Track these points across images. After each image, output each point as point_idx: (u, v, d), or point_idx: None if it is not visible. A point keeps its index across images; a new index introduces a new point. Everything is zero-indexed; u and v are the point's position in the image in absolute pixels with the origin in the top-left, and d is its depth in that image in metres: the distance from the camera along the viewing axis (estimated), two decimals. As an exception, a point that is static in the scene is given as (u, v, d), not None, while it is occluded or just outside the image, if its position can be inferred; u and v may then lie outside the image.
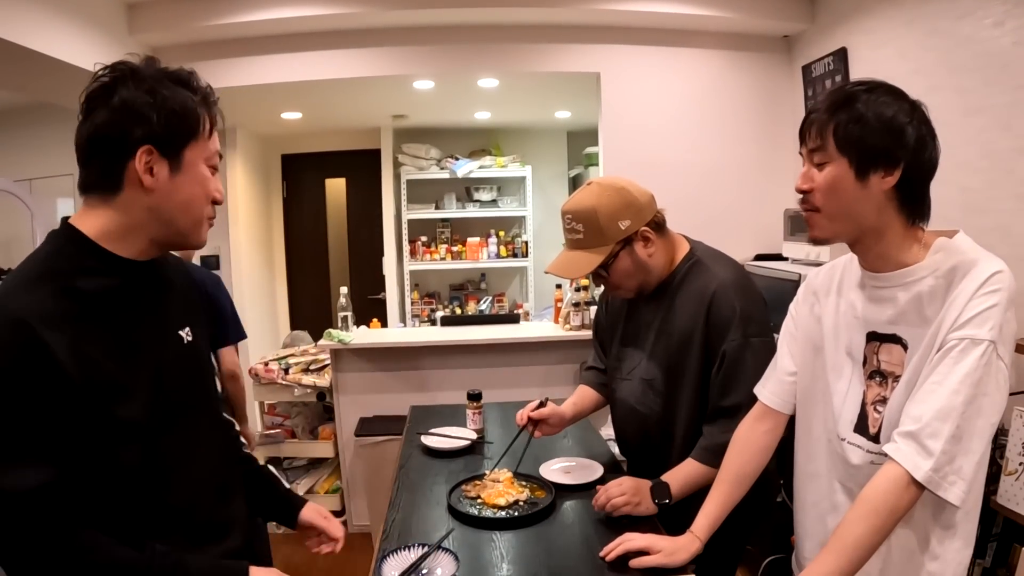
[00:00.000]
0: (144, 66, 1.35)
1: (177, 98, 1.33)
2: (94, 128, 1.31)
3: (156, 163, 1.32)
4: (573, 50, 4.35)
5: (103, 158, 1.32)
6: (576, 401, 2.51)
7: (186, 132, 1.35)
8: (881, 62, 3.46)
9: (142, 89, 1.30)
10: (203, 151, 1.39)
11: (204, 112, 1.38)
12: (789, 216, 3.71)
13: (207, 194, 1.41)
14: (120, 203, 1.34)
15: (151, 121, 1.30)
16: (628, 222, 2.03)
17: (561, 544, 1.91)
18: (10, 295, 1.24)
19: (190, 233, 1.42)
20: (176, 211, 1.37)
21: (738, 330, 1.98)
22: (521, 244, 6.73)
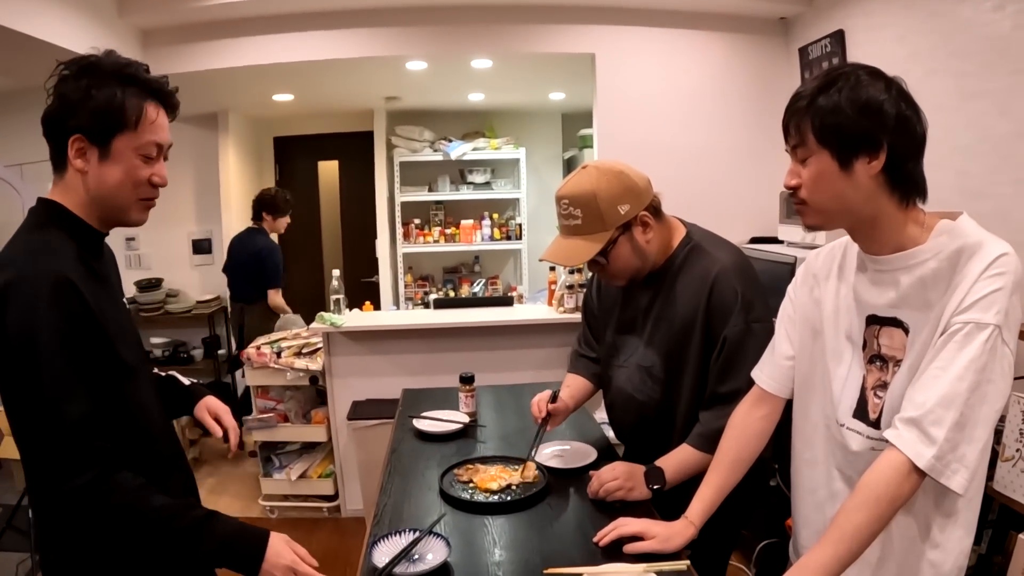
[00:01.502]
0: (100, 61, 1.52)
1: (105, 94, 1.47)
2: (45, 114, 1.49)
3: (88, 150, 1.48)
4: (568, 31, 4.31)
5: (51, 141, 1.50)
6: (573, 393, 2.48)
7: (111, 125, 1.48)
8: (879, 45, 3.43)
9: (81, 84, 1.47)
10: (133, 141, 1.51)
11: (137, 105, 1.50)
12: (785, 199, 3.69)
13: (135, 180, 1.53)
14: (69, 183, 1.52)
15: (79, 114, 1.46)
16: (628, 207, 1.98)
17: (554, 529, 1.89)
18: (39, 259, 1.42)
19: (122, 213, 1.58)
20: (106, 193, 1.52)
21: (740, 315, 1.95)
22: (515, 227, 6.71)
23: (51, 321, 1.37)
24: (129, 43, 4.19)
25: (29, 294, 1.37)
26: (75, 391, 1.39)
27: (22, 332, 1.36)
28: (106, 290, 1.58)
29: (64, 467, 1.38)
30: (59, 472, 1.38)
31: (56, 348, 1.37)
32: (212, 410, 1.93)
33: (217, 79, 4.70)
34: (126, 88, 1.49)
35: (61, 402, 1.37)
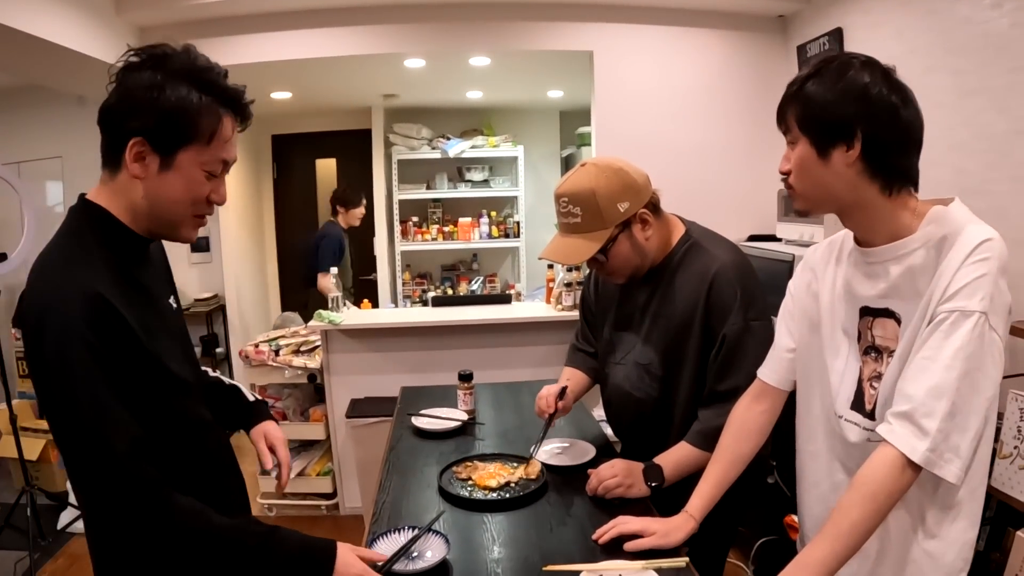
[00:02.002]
0: (175, 55, 1.36)
1: (178, 99, 1.32)
2: (105, 106, 1.35)
3: (148, 156, 1.34)
4: (566, 28, 4.31)
5: (107, 136, 1.36)
6: (573, 387, 2.48)
7: (179, 135, 1.35)
8: (877, 42, 3.43)
9: (152, 81, 1.31)
10: (199, 155, 1.38)
11: (212, 118, 1.37)
12: (783, 197, 3.70)
13: (193, 195, 1.41)
14: (120, 184, 1.38)
15: (146, 117, 1.31)
16: (627, 204, 1.98)
17: (553, 526, 1.89)
18: (73, 271, 1.30)
19: (173, 228, 1.45)
20: (161, 206, 1.39)
21: (739, 313, 1.96)
22: (513, 224, 6.71)
23: (87, 346, 1.25)
24: (126, 40, 4.16)
25: (63, 320, 1.25)
26: (119, 418, 1.28)
27: (59, 360, 1.25)
28: (150, 301, 1.47)
29: (118, 499, 1.30)
30: (114, 505, 1.31)
31: (97, 375, 1.26)
32: (269, 438, 1.83)
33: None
34: (203, 95, 1.35)
35: (106, 432, 1.27)
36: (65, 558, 4.07)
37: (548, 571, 1.63)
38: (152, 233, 1.45)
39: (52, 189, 6.55)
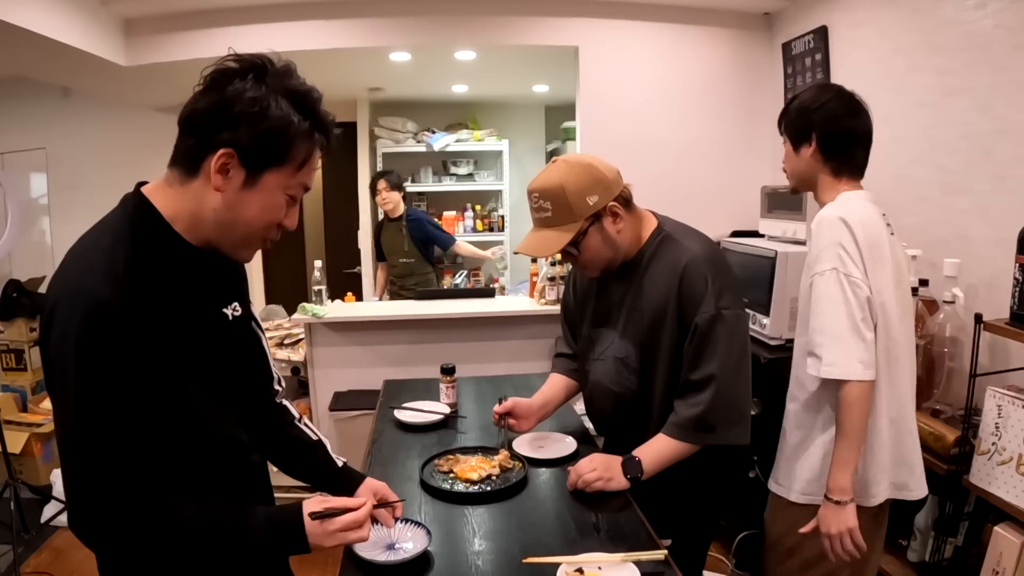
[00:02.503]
0: (277, 70, 1.32)
1: (281, 120, 1.29)
2: (195, 108, 1.29)
3: (233, 169, 1.29)
4: (552, 23, 4.30)
5: (189, 139, 1.30)
6: (545, 390, 2.50)
7: (272, 155, 1.30)
8: (861, 41, 3.45)
9: (256, 96, 1.27)
10: (286, 179, 1.34)
11: (304, 143, 1.33)
12: (766, 193, 3.70)
13: (268, 218, 1.36)
14: (193, 189, 1.31)
15: (243, 131, 1.26)
16: (596, 198, 2.00)
17: (533, 519, 1.90)
18: (96, 270, 1.24)
19: (236, 248, 1.40)
20: (234, 222, 1.33)
21: (710, 302, 1.97)
22: (497, 218, 6.71)
23: (84, 349, 1.20)
24: (112, 32, 4.15)
25: (67, 318, 1.20)
26: (100, 428, 1.22)
27: (58, 357, 1.22)
28: (189, 311, 1.37)
29: (81, 505, 1.25)
30: (77, 509, 1.26)
31: (88, 382, 1.21)
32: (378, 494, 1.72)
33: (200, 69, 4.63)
34: (303, 118, 1.31)
35: (82, 439, 1.22)
36: (49, 552, 4.05)
37: (528, 563, 1.64)
38: (209, 245, 1.37)
39: (36, 181, 6.52)
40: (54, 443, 4.76)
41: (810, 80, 3.89)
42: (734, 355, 2.00)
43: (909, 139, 3.12)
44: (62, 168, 6.37)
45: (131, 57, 4.31)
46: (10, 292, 5.70)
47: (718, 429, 2.00)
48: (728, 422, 2.01)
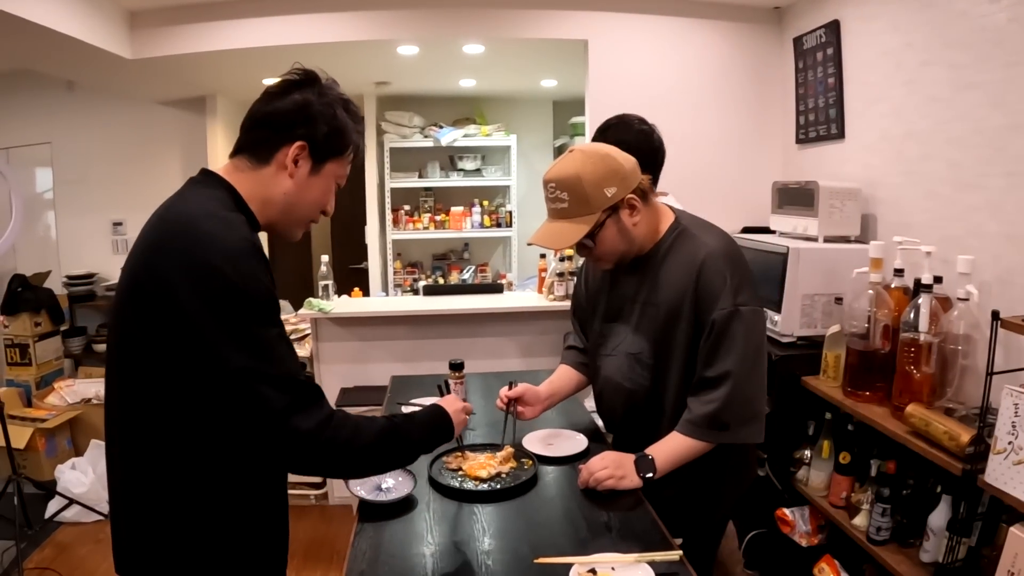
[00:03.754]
0: (328, 82, 1.61)
1: (344, 122, 1.58)
2: (274, 108, 1.54)
3: (303, 159, 1.55)
4: (561, 16, 4.27)
5: (266, 133, 1.55)
6: (553, 380, 2.48)
7: (336, 149, 1.59)
8: (873, 35, 3.42)
9: (324, 101, 1.55)
10: (339, 169, 1.63)
11: (357, 140, 1.64)
12: (777, 188, 3.68)
13: (323, 202, 1.65)
14: (263, 175, 1.56)
15: (317, 127, 1.54)
16: (614, 189, 1.97)
17: (544, 518, 1.89)
18: (231, 227, 1.44)
19: (294, 226, 1.66)
20: (298, 204, 1.60)
21: (728, 299, 1.95)
22: (505, 214, 6.68)
23: (265, 284, 1.43)
24: (116, 25, 4.14)
25: (239, 266, 1.39)
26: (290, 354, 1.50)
27: (244, 297, 1.39)
28: None
29: (287, 448, 1.44)
30: (282, 452, 1.45)
31: (273, 311, 1.46)
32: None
33: (205, 62, 4.66)
34: (355, 123, 1.62)
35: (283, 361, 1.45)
36: (52, 547, 4.07)
37: (540, 563, 1.62)
38: (270, 225, 1.62)
39: (41, 175, 6.52)
40: (58, 438, 4.88)
41: (821, 75, 3.86)
42: (751, 352, 1.97)
43: (921, 134, 3.09)
44: (67, 162, 6.37)
45: (136, 50, 4.29)
46: (15, 287, 5.73)
47: (732, 427, 1.97)
48: (743, 420, 1.98)
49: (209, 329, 1.34)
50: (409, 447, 1.68)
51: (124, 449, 1.49)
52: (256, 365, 1.37)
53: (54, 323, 5.91)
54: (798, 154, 4.23)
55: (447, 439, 1.81)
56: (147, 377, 1.41)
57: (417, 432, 1.71)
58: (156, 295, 1.36)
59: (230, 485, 1.50)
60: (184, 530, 1.48)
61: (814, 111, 3.96)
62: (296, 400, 1.41)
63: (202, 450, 1.44)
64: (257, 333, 1.39)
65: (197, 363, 1.36)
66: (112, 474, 1.55)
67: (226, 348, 1.35)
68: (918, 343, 2.56)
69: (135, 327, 1.40)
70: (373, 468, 1.69)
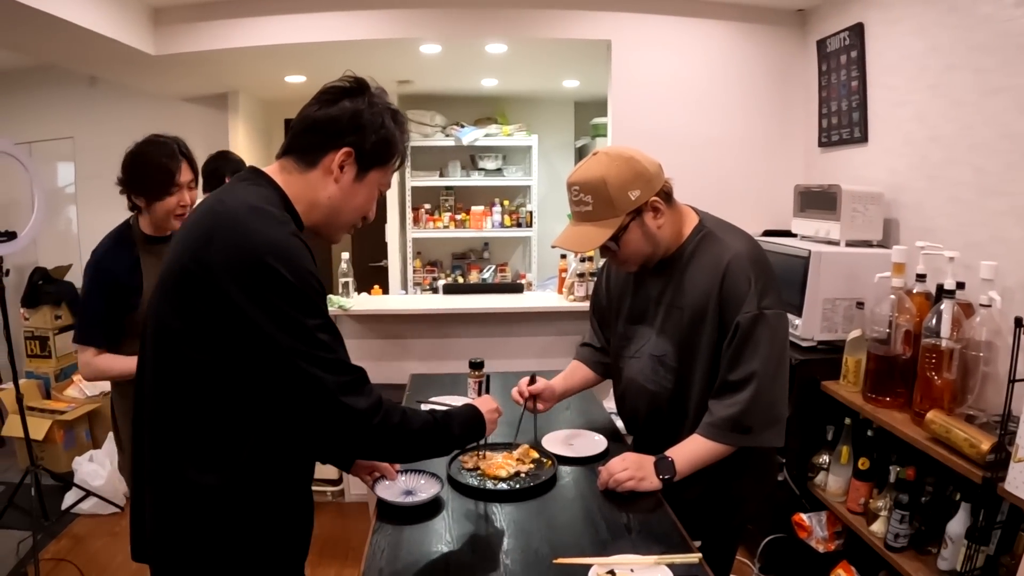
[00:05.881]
0: (377, 90, 1.65)
1: (392, 132, 1.62)
2: (325, 114, 1.58)
3: (348, 165, 1.59)
4: (584, 16, 4.27)
5: (315, 138, 1.59)
6: (567, 375, 2.49)
7: (382, 157, 1.63)
8: (897, 38, 3.40)
9: (374, 111, 1.59)
10: (383, 177, 1.67)
11: (404, 151, 1.70)
12: (799, 192, 3.66)
13: (365, 208, 1.69)
14: (309, 179, 1.60)
15: (365, 135, 1.58)
16: (638, 192, 1.96)
17: (564, 518, 1.89)
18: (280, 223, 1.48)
19: (336, 230, 1.70)
20: (342, 208, 1.64)
21: (752, 302, 1.94)
22: (525, 214, 6.67)
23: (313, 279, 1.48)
24: (140, 21, 4.17)
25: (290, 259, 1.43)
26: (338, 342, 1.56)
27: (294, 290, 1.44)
28: None
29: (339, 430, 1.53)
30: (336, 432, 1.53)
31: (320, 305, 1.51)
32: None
33: (227, 59, 4.69)
34: (401, 133, 1.66)
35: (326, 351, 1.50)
36: (68, 539, 4.10)
37: (559, 564, 1.63)
38: (313, 227, 1.65)
39: (63, 170, 6.59)
40: (76, 430, 4.91)
41: (845, 78, 3.84)
42: (774, 356, 1.96)
43: (945, 139, 3.07)
44: (89, 157, 6.42)
45: (159, 46, 4.33)
46: (36, 280, 5.77)
47: (754, 431, 1.97)
48: (764, 424, 1.98)
49: (261, 320, 1.39)
50: (448, 440, 1.77)
51: (155, 433, 1.52)
52: (307, 349, 1.43)
53: (74, 316, 5.95)
54: (821, 157, 4.21)
55: (478, 438, 1.89)
56: (189, 364, 1.45)
57: (456, 427, 1.79)
58: (205, 286, 1.41)
59: (261, 473, 1.53)
60: (211, 516, 1.50)
61: (837, 114, 3.94)
62: (348, 382, 1.50)
63: (240, 439, 1.48)
64: (307, 323, 1.43)
65: (247, 352, 1.42)
66: (138, 458, 1.59)
67: (277, 336, 1.41)
68: (940, 349, 2.55)
69: (179, 316, 1.45)
70: (415, 455, 1.82)
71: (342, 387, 1.48)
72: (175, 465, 1.49)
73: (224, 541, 1.52)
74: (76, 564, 3.77)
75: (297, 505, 1.66)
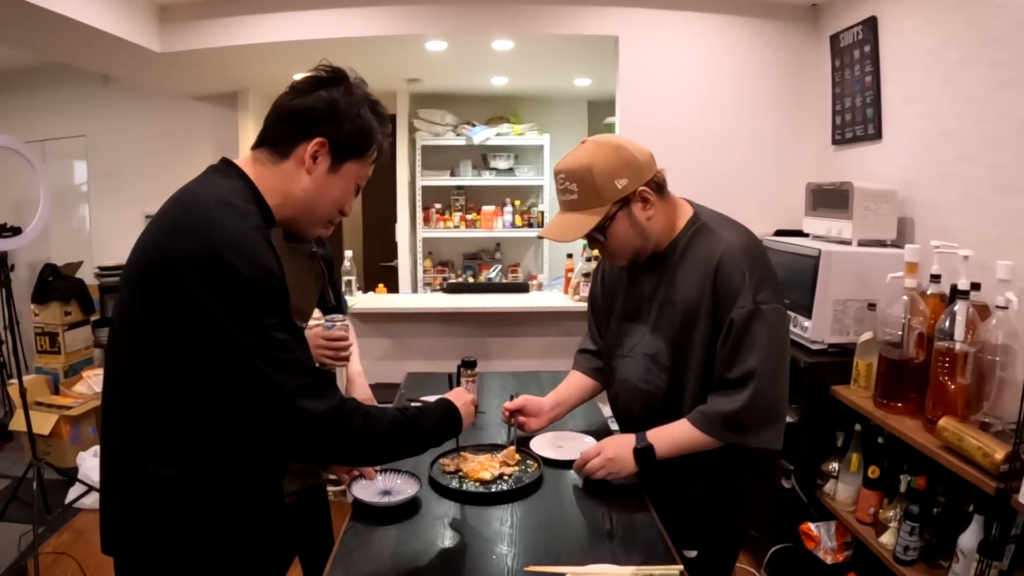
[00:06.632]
0: (356, 81, 1.61)
1: (368, 122, 1.59)
2: (299, 103, 1.54)
3: (322, 156, 1.55)
4: (590, 12, 4.19)
5: (288, 128, 1.55)
6: (560, 390, 2.41)
7: (358, 148, 1.59)
8: (910, 32, 3.29)
9: (350, 100, 1.56)
10: (360, 170, 1.63)
11: (380, 142, 1.64)
12: (811, 190, 3.56)
13: (341, 202, 1.64)
14: (282, 170, 1.55)
15: (340, 125, 1.54)
16: (625, 181, 1.89)
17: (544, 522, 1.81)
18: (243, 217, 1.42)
19: (311, 224, 1.65)
20: (316, 201, 1.59)
21: (747, 296, 1.85)
22: (537, 214, 6.60)
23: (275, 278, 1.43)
24: (146, 18, 4.16)
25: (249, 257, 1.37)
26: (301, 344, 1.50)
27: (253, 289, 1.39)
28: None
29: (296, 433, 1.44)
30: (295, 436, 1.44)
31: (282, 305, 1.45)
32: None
33: (236, 57, 4.66)
34: (380, 125, 1.62)
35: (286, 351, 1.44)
36: (70, 533, 4.11)
37: (530, 571, 1.54)
38: (287, 221, 1.60)
39: (78, 168, 6.62)
40: (82, 425, 4.93)
41: (858, 73, 3.73)
42: (773, 354, 1.87)
43: (958, 135, 2.96)
44: (101, 155, 6.47)
45: (165, 43, 4.32)
46: (46, 276, 5.81)
47: (749, 430, 1.88)
48: (761, 424, 1.89)
49: (217, 316, 1.34)
50: (420, 438, 1.67)
51: (120, 426, 1.48)
52: (265, 349, 1.37)
53: (84, 313, 5.98)
54: (834, 155, 4.10)
55: (456, 432, 1.80)
56: (151, 356, 1.40)
57: (430, 424, 1.70)
58: (165, 279, 1.36)
59: (224, 468, 1.49)
60: (173, 510, 1.46)
61: (851, 111, 3.83)
62: (306, 384, 1.41)
63: (202, 433, 1.45)
64: (265, 321, 1.37)
65: (205, 348, 1.36)
66: (105, 451, 1.55)
67: (234, 334, 1.35)
68: (953, 353, 2.44)
69: (142, 307, 1.40)
70: (384, 457, 1.73)
71: (299, 390, 1.40)
72: (138, 458, 1.45)
73: (187, 536, 1.49)
74: (75, 558, 3.75)
75: (264, 500, 1.60)
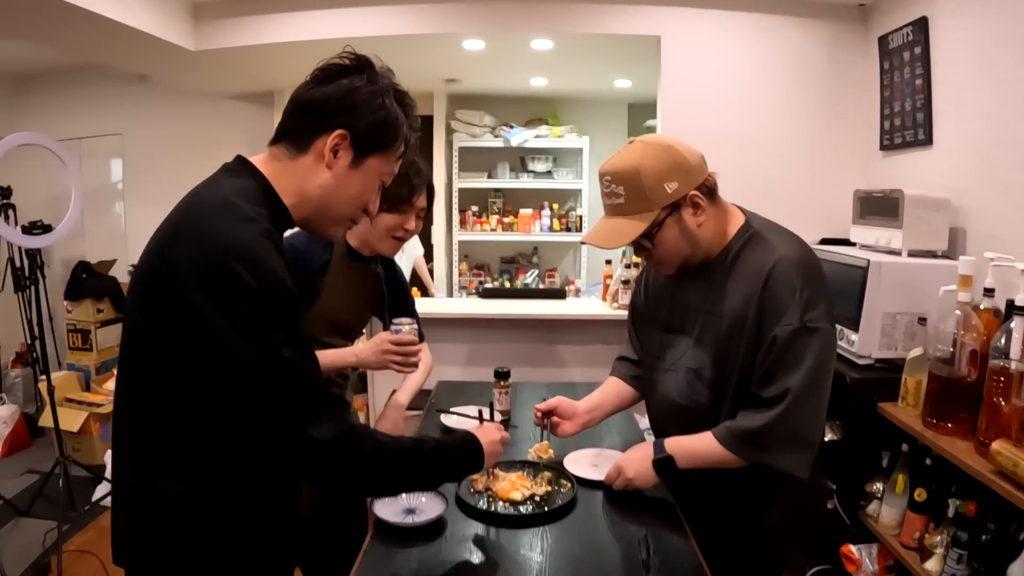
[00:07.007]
0: (382, 70, 1.49)
1: (393, 113, 1.46)
2: (318, 93, 1.43)
3: (343, 149, 1.43)
4: (632, 11, 4.10)
5: (306, 119, 1.44)
6: (596, 395, 2.31)
7: (382, 142, 1.47)
8: (963, 32, 3.16)
9: (373, 89, 1.44)
10: (384, 165, 1.51)
11: (404, 136, 1.51)
12: (859, 197, 3.45)
13: (364, 200, 1.52)
14: (300, 165, 1.45)
15: (360, 116, 1.42)
16: (676, 185, 1.77)
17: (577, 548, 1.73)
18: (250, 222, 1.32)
19: (330, 224, 1.54)
20: (335, 199, 1.48)
21: (794, 314, 1.73)
22: (575, 218, 6.54)
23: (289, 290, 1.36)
24: (180, 16, 4.17)
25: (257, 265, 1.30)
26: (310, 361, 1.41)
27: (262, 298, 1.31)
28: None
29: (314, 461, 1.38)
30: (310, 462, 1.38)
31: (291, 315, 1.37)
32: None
33: (270, 55, 4.65)
34: (408, 116, 1.51)
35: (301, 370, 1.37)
36: (95, 531, 4.11)
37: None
38: (305, 221, 1.51)
39: (113, 165, 6.66)
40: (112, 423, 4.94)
41: (908, 76, 3.60)
42: (813, 376, 1.75)
43: (1014, 140, 2.83)
44: (137, 153, 6.53)
45: (199, 42, 4.33)
46: (79, 273, 5.85)
47: (772, 450, 1.78)
48: (786, 447, 1.78)
49: (220, 327, 1.26)
50: (434, 473, 1.59)
51: (127, 439, 1.42)
52: (269, 363, 1.29)
53: (116, 310, 6.02)
54: (883, 161, 3.97)
55: (475, 470, 1.72)
56: (153, 366, 1.34)
57: (446, 459, 1.60)
58: (167, 286, 1.29)
59: (232, 485, 1.42)
60: (180, 527, 1.40)
61: (900, 115, 3.71)
62: (312, 406, 1.33)
63: (208, 447, 1.38)
64: (272, 337, 1.29)
65: (208, 360, 1.29)
66: (114, 464, 1.49)
67: (238, 347, 1.27)
68: (1008, 372, 2.32)
69: (144, 315, 1.34)
70: (392, 489, 1.68)
71: (305, 412, 1.32)
72: (142, 472, 1.39)
73: (196, 552, 1.41)
74: (99, 556, 3.74)
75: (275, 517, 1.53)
